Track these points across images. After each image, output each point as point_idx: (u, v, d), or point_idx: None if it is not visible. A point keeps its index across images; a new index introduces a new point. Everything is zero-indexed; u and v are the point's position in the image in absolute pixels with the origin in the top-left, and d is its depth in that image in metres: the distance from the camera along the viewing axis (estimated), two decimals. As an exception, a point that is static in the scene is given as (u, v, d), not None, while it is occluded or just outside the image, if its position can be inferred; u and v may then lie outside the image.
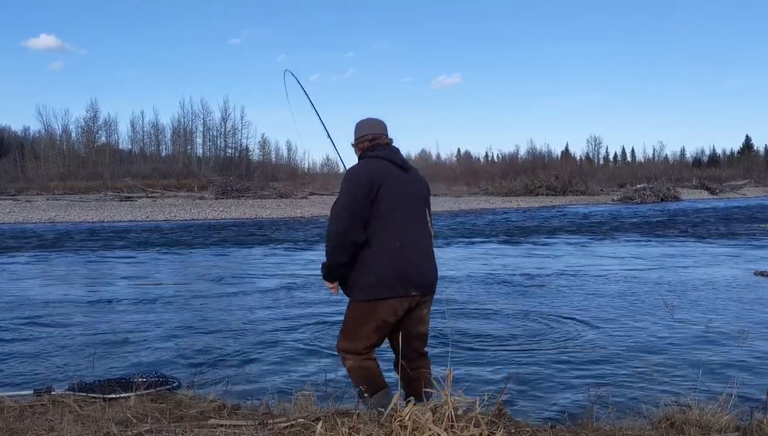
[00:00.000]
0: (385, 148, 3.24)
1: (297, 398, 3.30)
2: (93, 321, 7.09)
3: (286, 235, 19.62)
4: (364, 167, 3.14)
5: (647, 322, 6.67)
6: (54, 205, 34.63)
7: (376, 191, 3.03)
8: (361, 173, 3.10)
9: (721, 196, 47.34)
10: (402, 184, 3.15)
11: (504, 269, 11.09)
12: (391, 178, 3.10)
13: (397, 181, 3.12)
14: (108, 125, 68.27)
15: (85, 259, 13.76)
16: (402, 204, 3.08)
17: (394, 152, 3.25)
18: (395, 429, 2.46)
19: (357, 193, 3.01)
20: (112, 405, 3.34)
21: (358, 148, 3.34)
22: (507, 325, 6.65)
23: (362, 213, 3.01)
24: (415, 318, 3.19)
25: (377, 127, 3.34)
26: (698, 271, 10.47)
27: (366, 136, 3.29)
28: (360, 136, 3.32)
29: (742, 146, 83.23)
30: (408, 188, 3.17)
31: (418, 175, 3.33)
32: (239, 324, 6.84)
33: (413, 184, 3.24)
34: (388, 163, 3.16)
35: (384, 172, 3.10)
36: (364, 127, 3.33)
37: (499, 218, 26.38)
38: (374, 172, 3.09)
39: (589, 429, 2.86)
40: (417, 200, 3.22)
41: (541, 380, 4.73)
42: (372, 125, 3.34)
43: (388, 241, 3.03)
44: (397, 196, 3.08)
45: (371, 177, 3.05)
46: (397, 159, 3.21)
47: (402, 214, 3.08)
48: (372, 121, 3.37)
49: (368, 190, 3.02)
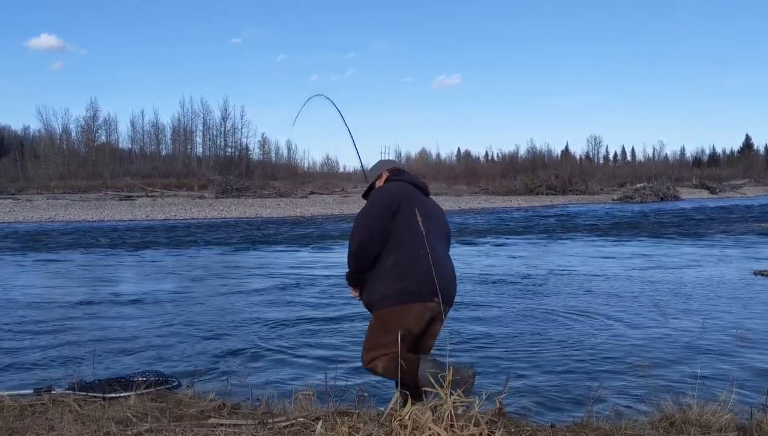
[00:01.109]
0: (402, 174, 3.46)
1: (297, 398, 3.30)
2: (93, 320, 7.08)
3: (286, 234, 19.62)
4: (388, 187, 3.33)
5: (647, 321, 6.67)
6: (54, 204, 34.63)
7: (398, 205, 3.16)
8: (384, 190, 3.28)
9: (721, 195, 47.37)
10: (424, 204, 3.28)
11: (503, 268, 11.09)
12: (414, 196, 3.27)
13: (419, 200, 3.27)
14: (108, 124, 68.36)
15: (84, 258, 13.76)
16: (425, 218, 3.14)
17: (416, 177, 3.48)
18: (395, 428, 2.46)
19: (379, 208, 3.16)
20: (112, 404, 3.34)
21: (382, 179, 3.50)
22: (506, 324, 6.65)
23: (381, 227, 3.12)
24: (429, 332, 3.18)
25: (399, 164, 3.63)
26: (698, 270, 10.47)
27: (391, 168, 3.52)
28: (386, 168, 3.52)
29: (742, 146, 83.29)
30: (429, 210, 3.31)
31: (438, 206, 3.51)
32: (239, 323, 6.84)
33: (434, 208, 3.41)
34: (411, 185, 3.36)
35: (407, 191, 3.28)
36: (388, 163, 3.59)
37: (499, 218, 26.38)
38: (396, 190, 3.26)
39: (589, 429, 2.86)
40: (440, 219, 3.39)
41: (541, 380, 4.73)
42: (397, 163, 3.66)
43: (411, 251, 3.09)
44: (420, 211, 3.15)
45: (393, 194, 3.22)
46: (419, 182, 3.43)
47: (424, 227, 3.12)
48: (396, 161, 3.67)
49: (389, 205, 3.16)
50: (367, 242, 3.11)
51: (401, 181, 3.38)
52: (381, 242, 3.12)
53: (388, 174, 3.48)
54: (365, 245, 3.12)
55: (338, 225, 23.40)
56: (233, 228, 22.23)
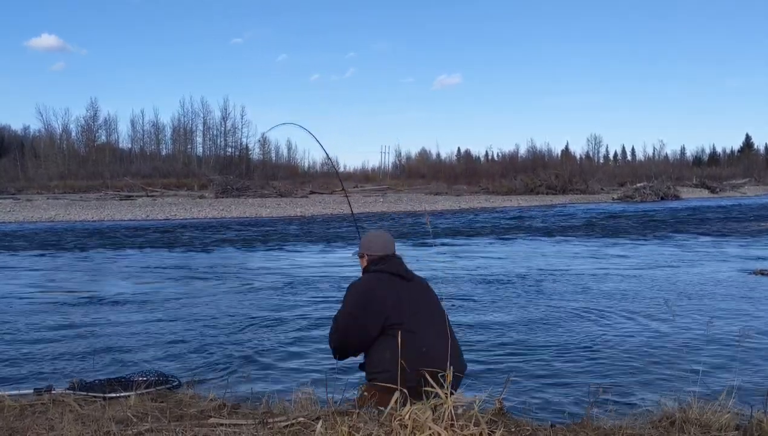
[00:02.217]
0: (387, 261, 3.33)
1: (297, 397, 3.30)
2: (93, 320, 7.08)
3: (287, 234, 19.62)
4: (367, 282, 3.26)
5: (647, 320, 6.67)
6: (54, 204, 34.62)
7: (380, 305, 3.12)
8: (361, 287, 3.24)
9: (721, 194, 47.35)
10: (408, 294, 3.22)
11: (502, 267, 11.08)
12: (393, 290, 3.19)
13: (400, 292, 3.20)
14: (108, 124, 68.30)
15: (84, 258, 13.76)
16: (411, 316, 3.12)
17: (396, 265, 3.33)
18: (395, 428, 2.46)
19: (357, 305, 3.15)
20: (113, 404, 3.34)
21: (364, 260, 3.42)
22: (505, 324, 6.64)
23: (361, 326, 3.13)
24: None
25: (389, 247, 3.42)
26: (698, 270, 10.46)
27: (376, 254, 3.38)
28: (371, 253, 3.40)
29: (742, 145, 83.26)
30: (414, 296, 3.24)
31: (422, 283, 3.41)
32: (240, 323, 6.84)
33: (418, 291, 3.30)
34: (391, 276, 3.26)
35: (386, 284, 3.21)
36: (377, 245, 3.41)
37: (499, 217, 26.37)
38: (375, 285, 3.21)
39: (589, 428, 2.86)
40: (429, 305, 3.29)
41: (541, 379, 4.73)
42: (385, 245, 3.42)
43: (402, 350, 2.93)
44: (405, 307, 3.14)
45: (373, 291, 3.17)
46: (400, 270, 3.30)
47: (412, 323, 3.10)
48: (385, 240, 3.45)
49: (367, 303, 3.13)
50: (349, 345, 3.22)
51: (380, 271, 3.28)
52: (359, 345, 3.19)
53: (367, 261, 3.38)
54: (346, 346, 3.22)
55: (338, 225, 23.41)
56: (233, 227, 22.23)
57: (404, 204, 35.06)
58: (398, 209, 32.02)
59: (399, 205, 34.54)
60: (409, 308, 3.15)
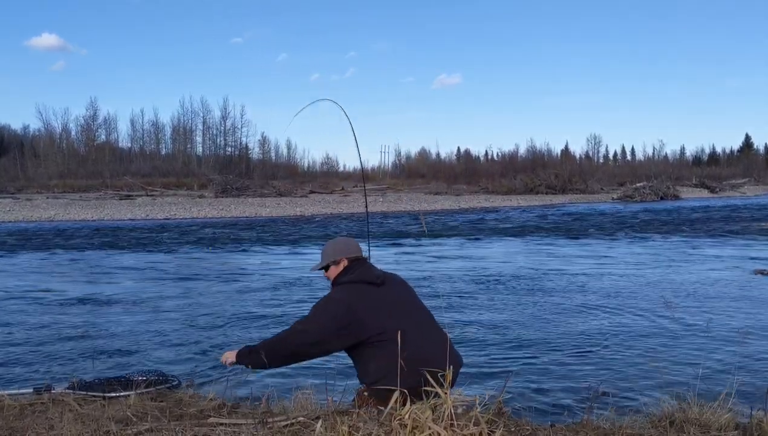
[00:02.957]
0: (356, 268, 3.21)
1: (297, 397, 3.29)
2: (92, 320, 7.08)
3: (287, 233, 19.61)
4: (338, 297, 3.15)
5: (647, 320, 6.67)
6: (54, 203, 34.61)
7: (353, 317, 3.01)
8: (336, 304, 3.11)
9: (720, 194, 47.35)
10: (384, 300, 3.11)
11: (502, 267, 11.08)
12: (370, 299, 3.08)
13: (376, 301, 3.09)
14: (108, 124, 68.31)
15: (84, 257, 13.76)
16: (395, 322, 2.99)
17: (367, 270, 3.20)
18: (395, 428, 2.46)
19: (328, 317, 3.06)
20: (112, 404, 3.34)
21: (333, 271, 3.29)
22: (505, 324, 6.64)
23: (326, 349, 3.12)
24: None
25: (354, 249, 3.29)
26: (698, 270, 10.46)
27: (341, 260, 3.26)
28: (333, 260, 3.27)
29: (742, 145, 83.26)
30: (391, 299, 3.13)
31: (397, 280, 3.29)
32: (240, 323, 6.84)
33: (395, 293, 3.19)
34: (363, 285, 3.14)
35: (363, 297, 3.09)
36: (342, 250, 3.28)
37: (498, 217, 26.37)
38: (349, 300, 3.08)
39: (588, 428, 2.86)
40: (408, 304, 3.19)
41: (541, 379, 4.73)
42: (348, 248, 3.29)
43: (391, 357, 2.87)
44: (385, 315, 3.03)
45: (349, 310, 3.04)
46: (371, 277, 3.16)
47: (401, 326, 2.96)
48: (348, 242, 3.33)
49: (338, 317, 3.03)
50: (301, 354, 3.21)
51: (350, 282, 3.16)
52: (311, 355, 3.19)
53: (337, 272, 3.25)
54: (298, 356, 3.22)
55: (339, 224, 23.40)
56: (233, 227, 22.23)
57: (404, 204, 35.06)
58: (398, 209, 32.02)
59: (399, 204, 34.54)
60: (390, 316, 3.03)
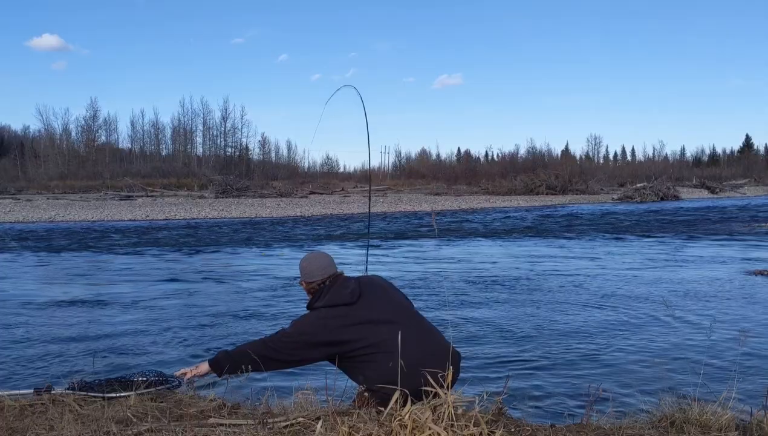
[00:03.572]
0: (328, 290, 3.16)
1: (297, 398, 3.29)
2: (93, 320, 7.08)
3: (287, 234, 19.61)
4: (313, 322, 3.11)
5: (647, 321, 6.67)
6: (54, 204, 34.62)
7: (332, 338, 3.00)
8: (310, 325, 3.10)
9: (721, 195, 47.34)
10: (359, 316, 3.04)
11: (502, 267, 11.08)
12: (346, 320, 3.03)
13: (353, 319, 3.03)
14: (108, 124, 68.43)
15: (84, 258, 13.75)
16: (374, 333, 2.97)
17: (338, 290, 3.13)
18: (395, 428, 2.46)
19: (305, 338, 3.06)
20: (112, 404, 3.34)
21: (308, 292, 3.29)
22: (505, 324, 6.64)
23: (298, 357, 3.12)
24: None
25: (327, 268, 3.25)
26: (698, 270, 10.46)
27: (315, 281, 3.24)
28: (310, 281, 3.26)
29: (742, 145, 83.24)
30: (369, 312, 3.06)
31: (373, 288, 3.18)
32: (240, 323, 6.84)
33: (368, 305, 3.09)
34: (337, 309, 3.08)
35: (336, 318, 3.04)
36: (315, 271, 3.25)
37: (499, 217, 26.37)
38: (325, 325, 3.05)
39: (589, 428, 2.86)
40: (385, 312, 3.08)
41: (542, 379, 4.73)
42: (322, 268, 3.25)
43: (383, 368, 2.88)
44: (367, 329, 2.99)
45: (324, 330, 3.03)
46: (344, 298, 3.09)
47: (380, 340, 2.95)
48: (321, 262, 3.28)
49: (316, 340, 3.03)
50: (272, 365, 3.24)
51: (324, 307, 3.10)
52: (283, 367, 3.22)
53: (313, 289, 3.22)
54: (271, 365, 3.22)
55: (339, 224, 23.40)
56: (233, 228, 22.22)
57: (404, 204, 35.06)
58: (398, 209, 32.02)
59: (399, 205, 34.54)
60: (372, 329, 2.98)
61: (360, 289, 3.14)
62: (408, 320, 3.10)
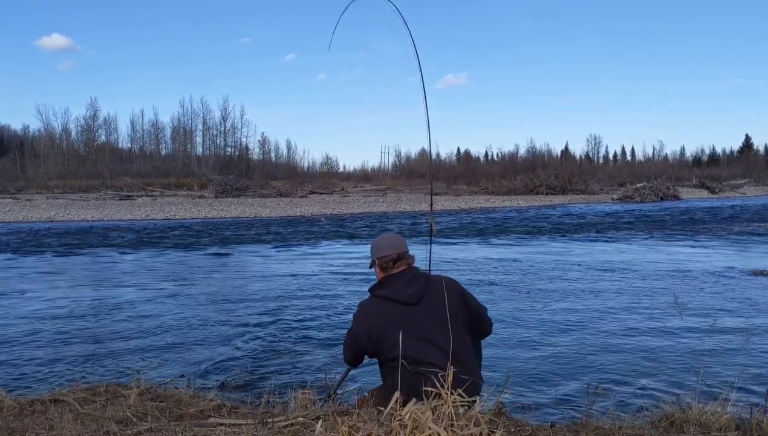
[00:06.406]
0: (392, 281, 3.05)
1: (297, 397, 3.29)
2: (93, 321, 7.08)
3: (287, 234, 19.61)
4: (366, 312, 3.04)
5: (646, 320, 6.67)
6: (54, 203, 34.61)
7: (376, 339, 2.95)
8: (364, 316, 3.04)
9: (720, 195, 47.33)
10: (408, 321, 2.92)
11: (502, 267, 11.08)
12: (395, 321, 2.92)
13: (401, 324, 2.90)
14: (108, 124, 68.41)
15: (84, 258, 13.75)
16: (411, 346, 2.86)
17: (401, 287, 3.01)
18: (395, 428, 2.46)
19: (358, 333, 3.02)
20: (112, 404, 3.34)
21: (377, 268, 3.16)
22: (505, 324, 6.65)
23: (359, 350, 3.06)
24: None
25: (400, 246, 3.12)
26: (698, 270, 10.46)
27: (386, 256, 3.10)
28: (381, 256, 3.12)
29: (742, 145, 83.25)
30: (419, 321, 2.93)
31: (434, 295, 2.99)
32: (239, 323, 6.84)
33: (423, 313, 2.96)
34: (392, 303, 2.98)
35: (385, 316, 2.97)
36: (386, 246, 3.12)
37: (498, 217, 26.37)
38: (374, 319, 2.98)
39: (588, 428, 2.86)
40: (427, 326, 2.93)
41: (541, 379, 4.73)
42: (394, 245, 3.12)
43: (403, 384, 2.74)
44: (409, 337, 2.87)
45: (371, 324, 2.98)
46: (402, 296, 2.98)
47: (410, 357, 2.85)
48: (393, 240, 3.16)
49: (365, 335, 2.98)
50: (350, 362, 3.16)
51: (380, 297, 3.02)
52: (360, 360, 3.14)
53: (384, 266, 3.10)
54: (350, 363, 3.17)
55: (338, 224, 23.40)
56: (233, 228, 22.22)
57: (404, 204, 35.05)
58: (398, 209, 32.02)
59: (399, 205, 34.54)
60: (412, 341, 2.87)
61: (424, 290, 3.00)
62: (446, 343, 2.87)
